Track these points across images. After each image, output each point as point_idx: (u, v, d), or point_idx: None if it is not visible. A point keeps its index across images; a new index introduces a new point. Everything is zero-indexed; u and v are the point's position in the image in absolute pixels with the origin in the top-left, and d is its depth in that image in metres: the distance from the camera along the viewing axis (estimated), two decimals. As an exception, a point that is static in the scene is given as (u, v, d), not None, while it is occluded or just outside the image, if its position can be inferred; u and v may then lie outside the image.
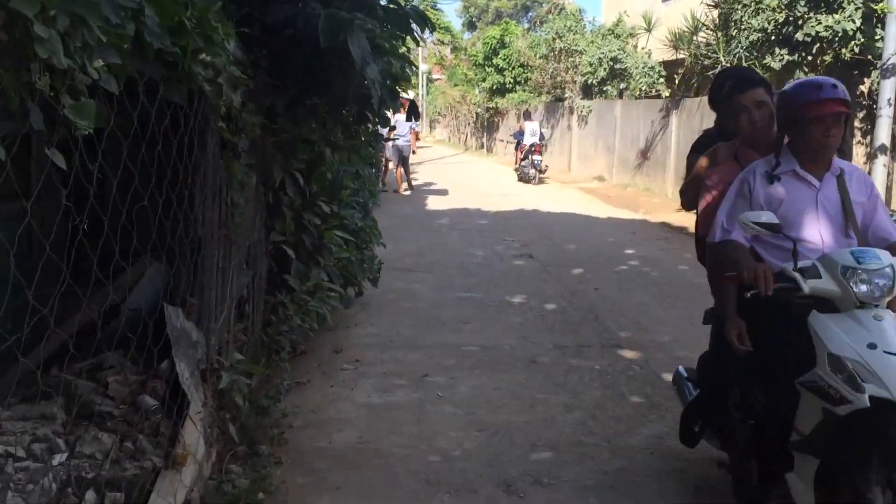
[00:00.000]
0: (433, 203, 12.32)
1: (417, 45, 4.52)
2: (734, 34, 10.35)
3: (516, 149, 16.36)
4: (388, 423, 3.57)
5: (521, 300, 5.85)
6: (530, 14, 47.95)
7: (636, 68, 15.58)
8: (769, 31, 6.93)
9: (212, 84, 2.52)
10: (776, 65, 6.98)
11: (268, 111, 3.54)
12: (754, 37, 7.29)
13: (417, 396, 3.89)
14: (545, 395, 3.90)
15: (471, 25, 54.72)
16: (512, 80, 22.82)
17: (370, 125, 5.15)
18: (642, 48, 16.17)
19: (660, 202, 11.94)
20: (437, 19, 52.37)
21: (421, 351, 4.60)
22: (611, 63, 15.87)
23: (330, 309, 4.40)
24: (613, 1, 18.80)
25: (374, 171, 11.25)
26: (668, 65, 15.07)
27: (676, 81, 11.79)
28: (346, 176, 4.64)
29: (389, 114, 4.81)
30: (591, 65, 15.96)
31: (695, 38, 10.83)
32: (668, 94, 12.10)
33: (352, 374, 4.23)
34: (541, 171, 15.17)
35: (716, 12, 10.71)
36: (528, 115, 16.85)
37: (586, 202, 12.54)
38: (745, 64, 10.35)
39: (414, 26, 3.76)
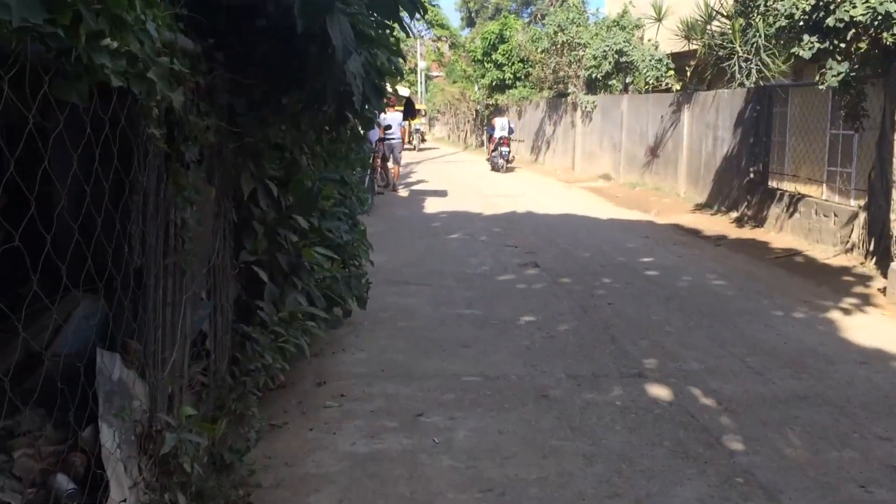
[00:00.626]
0: (431, 205, 11.74)
1: (408, 36, 3.92)
2: (753, 21, 9.75)
3: (488, 141, 18.84)
4: (375, 480, 3.00)
5: (527, 318, 5.28)
6: (530, 9, 47.31)
7: (643, 61, 14.99)
8: (796, 17, 6.35)
9: (136, 80, 1.95)
10: (805, 53, 6.40)
11: (228, 112, 2.98)
12: (781, 23, 6.70)
13: (410, 444, 3.32)
14: (560, 440, 3.33)
15: (469, 21, 54.05)
16: (512, 76, 22.23)
17: (352, 127, 4.62)
18: (649, 40, 15.57)
19: (671, 202, 11.36)
20: (435, 15, 51.80)
21: (415, 383, 4.03)
22: (616, 56, 15.27)
23: (310, 339, 3.84)
24: (617, -8, 18.16)
25: (366, 174, 10.68)
26: (677, 57, 14.47)
27: (688, 74, 11.18)
28: (328, 185, 4.06)
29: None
30: (595, 58, 15.36)
31: (708, 27, 10.23)
32: (678, 88, 11.51)
33: (335, 414, 3.66)
34: (508, 161, 17.42)
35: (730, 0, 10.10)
36: (499, 112, 20.70)
37: (593, 203, 11.95)
38: (763, 54, 9.76)
39: (404, 14, 3.20)
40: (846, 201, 7.69)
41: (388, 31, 3.40)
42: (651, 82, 14.92)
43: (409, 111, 11.91)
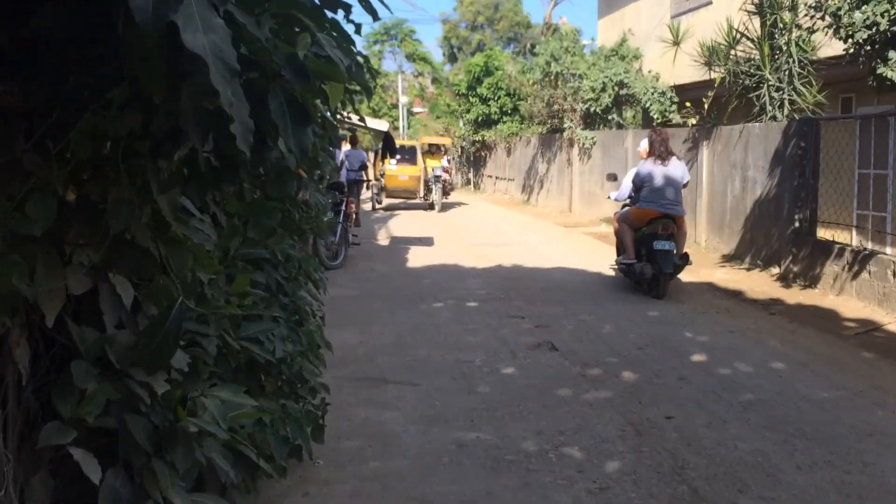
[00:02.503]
0: (415, 257, 10.10)
1: (358, 33, 2.24)
2: (783, 46, 8.39)
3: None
4: None
5: (561, 450, 3.61)
6: (513, 46, 46.78)
7: (645, 93, 13.69)
8: (882, 27, 4.96)
9: None
10: (892, 73, 5.00)
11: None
12: (861, 35, 5.32)
13: None
14: None
15: (452, 57, 53.39)
16: (498, 111, 20.95)
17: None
18: (649, 71, 14.33)
19: (693, 253, 9.80)
20: (416, 50, 51.12)
21: None
22: (616, 88, 13.97)
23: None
24: (611, 20, 17.03)
25: (337, 222, 9.06)
26: (690, 88, 13.17)
27: (705, 106, 9.80)
28: (245, 272, 2.39)
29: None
30: (593, 90, 14.04)
31: (732, 52, 8.87)
32: (694, 122, 10.11)
33: None
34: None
35: (757, 21, 8.78)
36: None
37: (600, 252, 10.40)
38: (797, 82, 8.38)
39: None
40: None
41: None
42: (656, 117, 13.62)
43: (389, 148, 10.31)
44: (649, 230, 7.19)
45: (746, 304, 7.05)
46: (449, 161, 20.63)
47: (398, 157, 16.54)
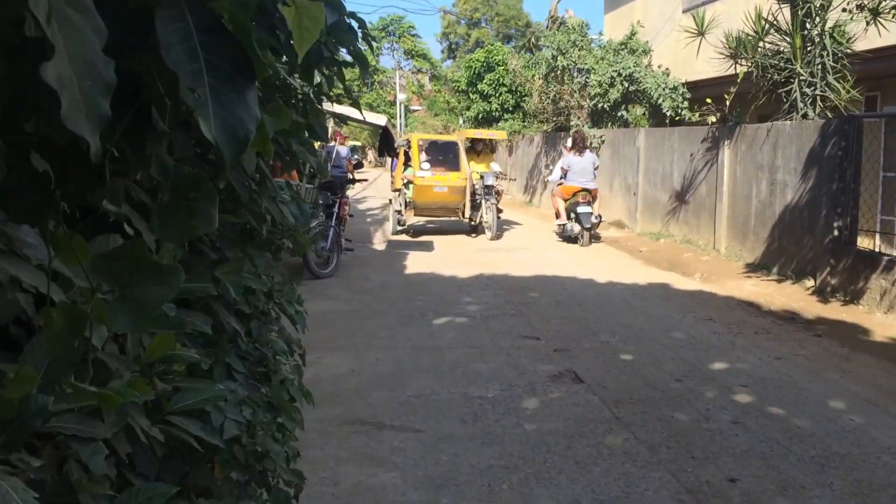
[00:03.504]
0: (414, 264, 9.34)
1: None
2: (816, 37, 7.66)
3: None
4: None
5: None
6: (512, 43, 46.02)
7: (656, 89, 12.96)
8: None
9: None
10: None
11: None
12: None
13: None
14: None
15: (451, 54, 52.62)
16: (499, 108, 20.19)
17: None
18: (659, 66, 13.59)
19: (713, 262, 9.10)
20: (415, 46, 50.34)
21: None
22: (625, 83, 13.22)
23: None
24: (619, 14, 16.29)
25: (329, 225, 8.31)
26: (695, 86, 12.46)
27: (727, 103, 9.06)
28: (165, 333, 1.61)
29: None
30: (600, 85, 13.29)
31: (761, 44, 8.13)
32: (714, 120, 9.38)
33: None
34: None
35: (787, 9, 8.04)
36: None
37: (615, 260, 9.66)
38: (830, 77, 7.65)
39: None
40: None
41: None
42: (668, 113, 12.90)
43: (387, 145, 9.54)
44: (574, 200, 10.81)
45: (785, 322, 6.31)
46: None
47: (429, 158, 11.57)
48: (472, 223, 11.83)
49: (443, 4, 55.75)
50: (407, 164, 11.81)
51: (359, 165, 10.18)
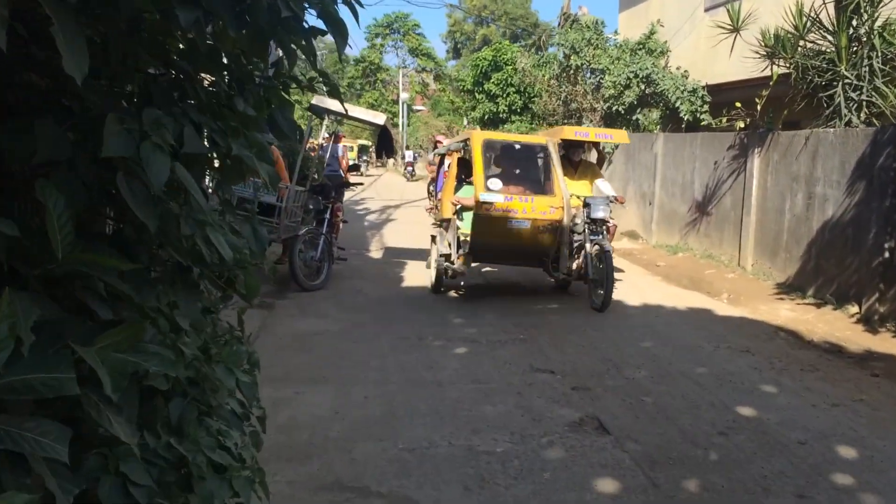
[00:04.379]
0: (413, 276, 8.59)
1: None
2: (862, 36, 6.91)
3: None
4: None
5: None
6: (519, 43, 45.29)
7: (674, 91, 12.21)
8: None
9: None
10: None
11: None
12: None
13: None
14: None
15: (455, 53, 51.93)
16: (507, 109, 19.40)
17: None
18: (678, 68, 12.84)
19: (739, 280, 8.34)
20: (420, 45, 49.61)
21: None
22: (642, 85, 12.46)
23: None
24: (635, 13, 15.54)
25: (319, 232, 7.57)
26: (717, 89, 11.71)
27: (758, 107, 8.30)
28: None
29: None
30: (615, 86, 12.52)
31: (802, 42, 7.37)
32: (742, 125, 8.62)
33: None
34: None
35: (832, 6, 7.28)
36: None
37: (631, 274, 8.90)
38: (879, 82, 6.90)
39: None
40: None
41: None
42: (686, 118, 12.14)
43: (385, 147, 8.79)
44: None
45: (832, 356, 5.54)
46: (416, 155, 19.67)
47: (501, 172, 7.20)
48: (563, 276, 7.12)
49: (448, 2, 55.09)
50: (463, 179, 7.62)
51: (354, 168, 9.41)
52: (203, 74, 1.85)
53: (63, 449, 1.13)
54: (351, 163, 11.79)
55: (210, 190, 2.22)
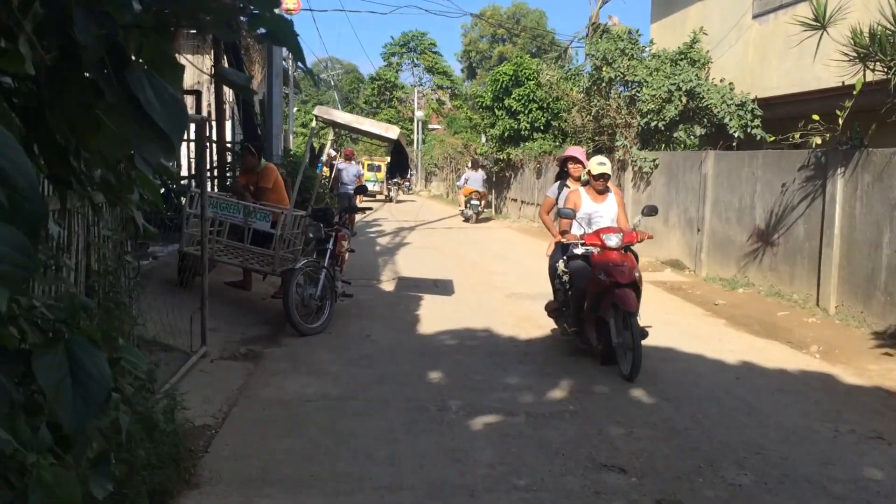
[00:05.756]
0: (429, 315, 7.28)
1: None
2: None
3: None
4: None
5: None
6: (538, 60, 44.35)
7: (720, 105, 10.93)
8: None
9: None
10: None
11: None
12: None
13: None
14: None
15: (471, 73, 51.06)
16: (528, 126, 18.21)
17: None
18: (721, 80, 11.56)
19: (824, 326, 6.94)
20: (436, 63, 48.79)
21: None
22: (684, 98, 11.19)
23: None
24: (669, 23, 14.33)
25: (320, 267, 6.33)
26: (767, 103, 10.42)
27: (840, 120, 6.97)
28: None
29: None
30: (654, 99, 11.25)
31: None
32: (819, 142, 7.29)
33: None
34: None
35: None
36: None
37: (687, 315, 7.52)
38: None
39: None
40: None
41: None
42: (736, 134, 10.84)
43: (400, 166, 7.55)
44: (469, 196, 18.56)
45: None
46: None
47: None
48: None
49: (464, 21, 54.42)
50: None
51: (361, 190, 8.15)
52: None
53: None
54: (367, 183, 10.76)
55: None
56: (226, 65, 10.16)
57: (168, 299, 6.21)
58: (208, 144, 10.36)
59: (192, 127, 6.03)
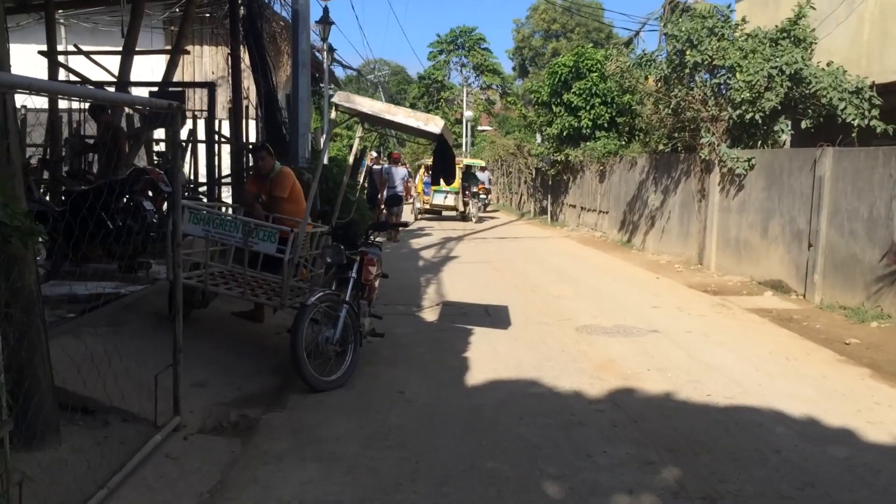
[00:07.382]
0: (478, 360, 5.74)
1: None
2: None
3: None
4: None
5: None
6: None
7: (833, 90, 9.08)
8: None
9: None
10: None
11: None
12: None
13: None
14: None
15: (522, 71, 49.28)
16: (590, 123, 16.50)
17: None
18: (828, 63, 9.67)
19: None
20: (486, 60, 47.23)
21: None
22: (788, 84, 9.37)
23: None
24: (761, 0, 12.45)
25: (340, 300, 4.90)
26: (886, 90, 8.57)
27: None
28: None
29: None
30: (750, 86, 9.45)
31: None
32: None
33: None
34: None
35: None
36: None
37: (813, 364, 5.77)
38: None
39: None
40: None
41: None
42: (854, 124, 8.97)
43: (444, 168, 6.05)
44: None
45: None
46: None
47: None
48: None
49: (516, 17, 52.73)
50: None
51: (394, 200, 6.69)
52: None
53: None
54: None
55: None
56: (247, 56, 8.90)
57: (151, 340, 4.90)
58: (207, 144, 9.12)
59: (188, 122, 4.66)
